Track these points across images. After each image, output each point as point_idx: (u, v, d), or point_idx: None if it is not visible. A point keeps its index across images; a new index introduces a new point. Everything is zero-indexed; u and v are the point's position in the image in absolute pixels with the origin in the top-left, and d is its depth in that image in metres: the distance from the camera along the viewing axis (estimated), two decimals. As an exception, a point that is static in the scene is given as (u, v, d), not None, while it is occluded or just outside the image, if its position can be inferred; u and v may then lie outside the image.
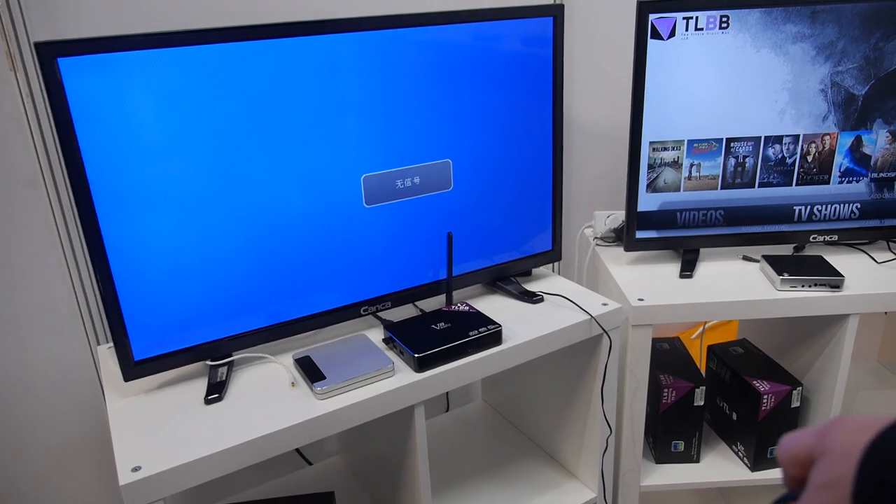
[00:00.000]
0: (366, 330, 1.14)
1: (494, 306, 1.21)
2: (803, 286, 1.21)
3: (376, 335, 1.12)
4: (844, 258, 1.34)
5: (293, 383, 1.00)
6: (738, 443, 1.38)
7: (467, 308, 1.13)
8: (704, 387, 1.32)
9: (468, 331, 1.05)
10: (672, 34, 1.21)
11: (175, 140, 0.91)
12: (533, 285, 1.28)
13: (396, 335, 1.06)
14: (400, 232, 1.13)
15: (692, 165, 1.30)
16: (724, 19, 1.20)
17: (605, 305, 1.17)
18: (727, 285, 1.26)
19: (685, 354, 1.44)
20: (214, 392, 0.98)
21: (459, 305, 1.15)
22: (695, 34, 1.21)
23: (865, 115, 1.27)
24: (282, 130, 0.98)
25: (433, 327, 1.07)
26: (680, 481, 1.34)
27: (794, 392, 1.29)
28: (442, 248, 1.18)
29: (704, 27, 1.21)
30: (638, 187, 1.31)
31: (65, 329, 1.27)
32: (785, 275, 1.22)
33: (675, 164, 1.29)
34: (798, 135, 1.28)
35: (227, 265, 1.00)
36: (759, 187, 1.31)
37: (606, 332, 1.16)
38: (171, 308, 0.98)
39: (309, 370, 1.00)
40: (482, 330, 1.06)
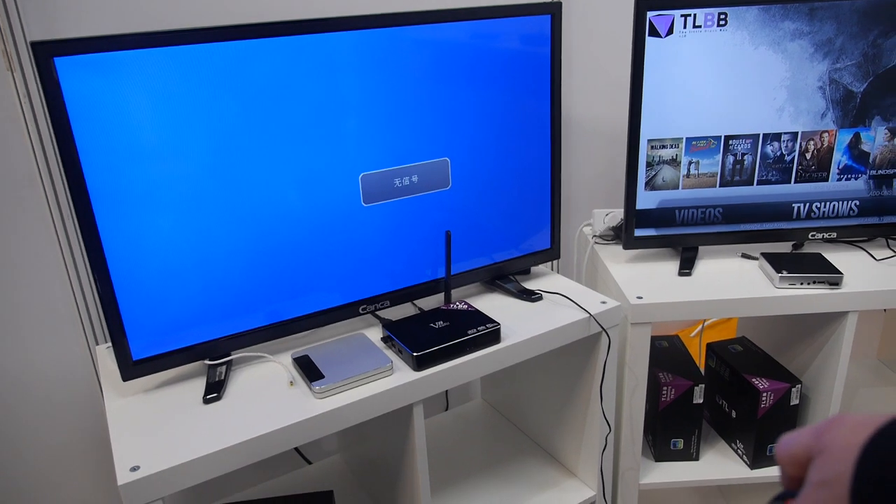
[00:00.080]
0: (364, 329, 1.14)
1: (493, 305, 1.21)
2: (802, 284, 1.21)
3: (375, 334, 1.12)
4: (843, 255, 1.34)
5: (292, 382, 1.00)
6: (738, 440, 1.38)
7: (466, 307, 1.13)
8: (703, 385, 1.32)
9: (467, 329, 1.05)
10: (670, 32, 1.21)
11: (172, 139, 0.91)
12: (532, 284, 1.27)
13: (395, 334, 1.06)
14: (398, 231, 1.13)
15: (691, 163, 1.30)
16: (723, 17, 1.20)
17: (604, 303, 1.17)
18: (726, 283, 1.26)
19: (684, 352, 1.44)
20: (213, 391, 0.97)
21: (458, 304, 1.15)
22: (693, 31, 1.21)
23: (864, 112, 1.26)
24: (279, 129, 0.98)
25: (432, 326, 1.07)
26: (679, 479, 1.34)
27: (793, 390, 1.29)
28: (440, 247, 1.18)
29: (703, 24, 1.21)
30: (636, 185, 1.31)
31: (63, 329, 1.27)
32: (784, 272, 1.22)
33: (674, 162, 1.29)
34: (796, 132, 1.28)
35: (226, 264, 1.00)
36: (758, 185, 1.31)
37: (605, 331, 1.16)
38: (170, 307, 0.97)
39: (307, 369, 1.00)
40: (481, 328, 1.06)
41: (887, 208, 1.33)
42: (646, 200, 1.32)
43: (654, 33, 1.21)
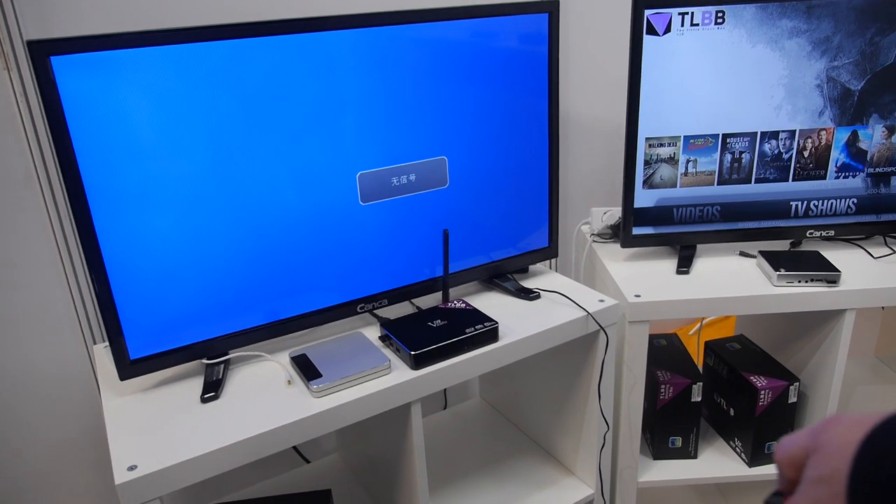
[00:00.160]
0: (362, 328, 1.14)
1: (491, 303, 1.21)
2: (800, 281, 1.22)
3: (373, 333, 1.12)
4: (841, 253, 1.34)
5: (289, 381, 1.00)
6: (736, 438, 1.38)
7: (464, 305, 1.13)
8: (702, 383, 1.32)
9: (465, 328, 1.05)
10: (668, 30, 1.21)
11: (169, 138, 0.91)
12: (530, 282, 1.27)
13: (393, 333, 1.05)
14: (396, 229, 1.13)
15: (688, 161, 1.30)
16: (720, 15, 1.20)
17: (602, 302, 1.17)
18: (724, 281, 1.26)
19: (682, 350, 1.44)
20: (211, 391, 0.97)
21: (456, 303, 1.15)
22: (690, 30, 1.21)
23: (861, 110, 1.26)
24: (276, 128, 0.98)
25: (430, 325, 1.07)
26: (677, 477, 1.34)
27: (791, 387, 1.29)
28: (438, 246, 1.18)
29: (700, 23, 1.21)
30: (634, 183, 1.31)
31: (61, 328, 1.26)
32: (782, 270, 1.22)
33: (672, 160, 1.29)
34: (794, 130, 1.28)
35: (223, 263, 1.00)
36: (756, 183, 1.31)
37: (603, 329, 1.16)
38: (167, 307, 0.97)
39: (305, 368, 1.00)
40: (479, 327, 1.06)
41: (885, 206, 1.33)
42: (644, 199, 1.32)
43: (652, 31, 1.21)
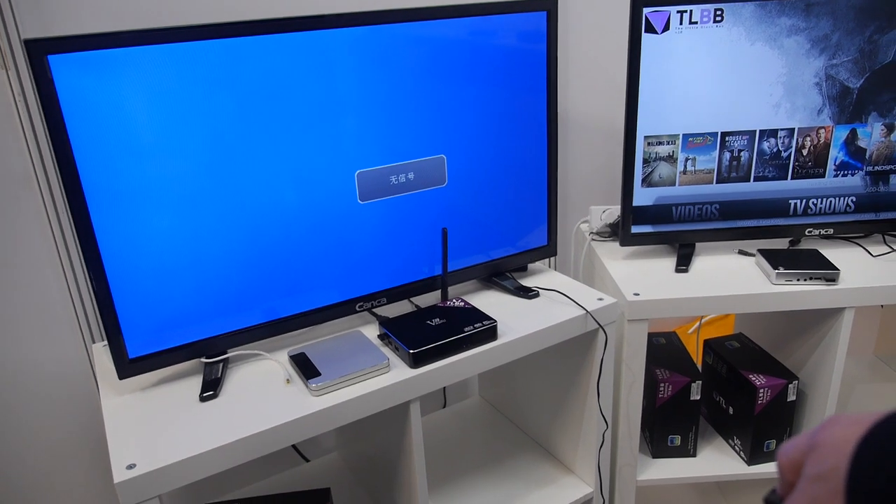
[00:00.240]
0: (361, 326, 1.14)
1: (490, 302, 1.21)
2: (799, 280, 1.22)
3: (371, 331, 1.12)
4: (840, 252, 1.34)
5: (288, 380, 1.00)
6: (735, 437, 1.38)
7: (462, 304, 1.13)
8: (701, 381, 1.32)
9: (463, 326, 1.05)
10: (666, 28, 1.21)
11: (168, 137, 0.91)
12: (528, 281, 1.27)
13: (391, 331, 1.05)
14: (395, 228, 1.13)
15: (687, 160, 1.30)
16: (719, 13, 1.20)
17: (601, 300, 1.17)
18: (723, 279, 1.26)
19: (681, 349, 1.44)
20: (209, 389, 0.97)
21: (455, 301, 1.14)
22: (689, 28, 1.21)
23: (860, 109, 1.26)
24: (275, 127, 0.98)
25: (428, 323, 1.07)
26: (676, 476, 1.34)
27: (790, 386, 1.29)
28: (437, 244, 1.18)
29: (699, 21, 1.21)
30: (633, 182, 1.31)
31: (60, 327, 1.26)
32: (780, 269, 1.22)
33: (671, 159, 1.29)
34: (793, 128, 1.28)
35: (222, 262, 0.99)
36: (755, 181, 1.31)
37: (602, 327, 1.16)
38: (165, 305, 0.97)
39: (304, 367, 1.00)
40: (477, 325, 1.06)
41: (884, 204, 1.33)
42: (642, 197, 1.32)
43: (651, 30, 1.21)
